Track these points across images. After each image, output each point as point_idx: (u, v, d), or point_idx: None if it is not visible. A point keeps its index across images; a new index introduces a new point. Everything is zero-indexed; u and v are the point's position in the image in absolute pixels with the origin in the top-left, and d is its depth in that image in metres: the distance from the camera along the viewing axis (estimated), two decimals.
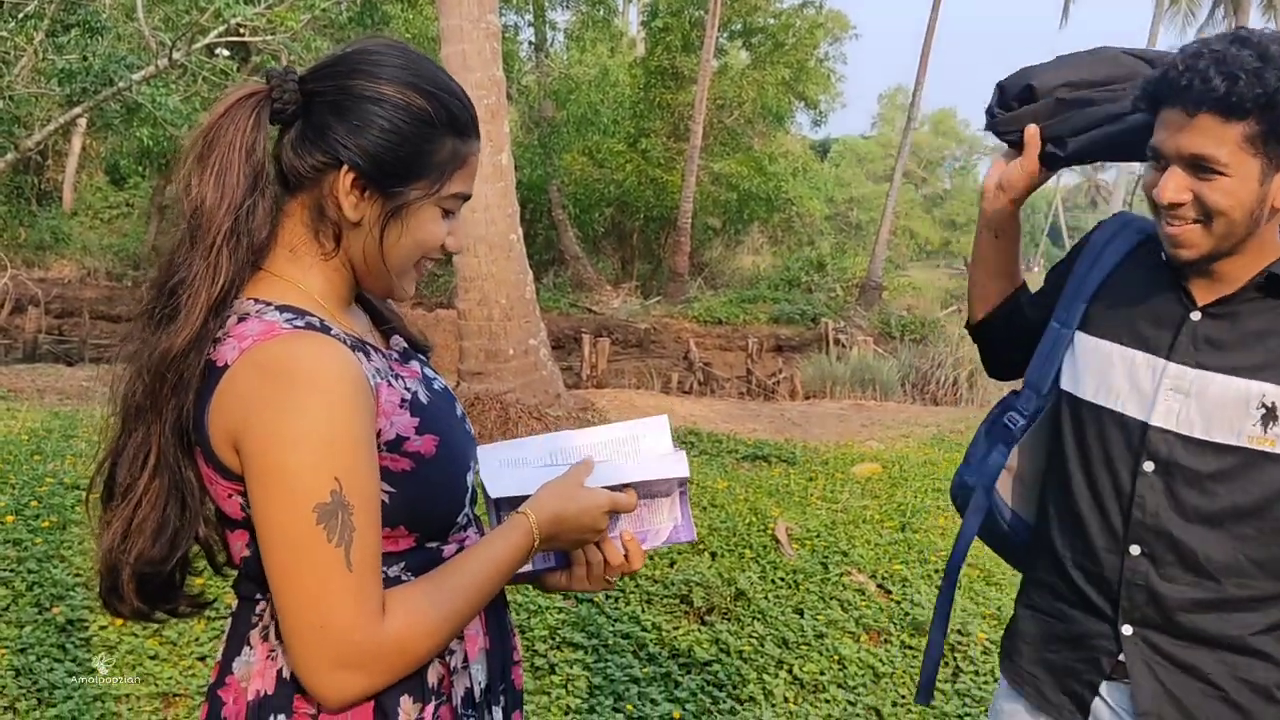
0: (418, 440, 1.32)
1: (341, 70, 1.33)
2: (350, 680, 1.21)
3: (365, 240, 1.35)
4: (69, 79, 12.55)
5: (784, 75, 28.07)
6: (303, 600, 1.19)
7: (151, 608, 1.35)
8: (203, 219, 1.27)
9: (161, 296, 1.27)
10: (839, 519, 5.76)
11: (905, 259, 49.06)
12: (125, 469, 1.29)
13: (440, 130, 1.35)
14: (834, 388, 15.43)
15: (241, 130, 1.30)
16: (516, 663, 1.52)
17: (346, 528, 1.19)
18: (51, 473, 5.32)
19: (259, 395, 1.20)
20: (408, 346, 1.49)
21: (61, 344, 19.88)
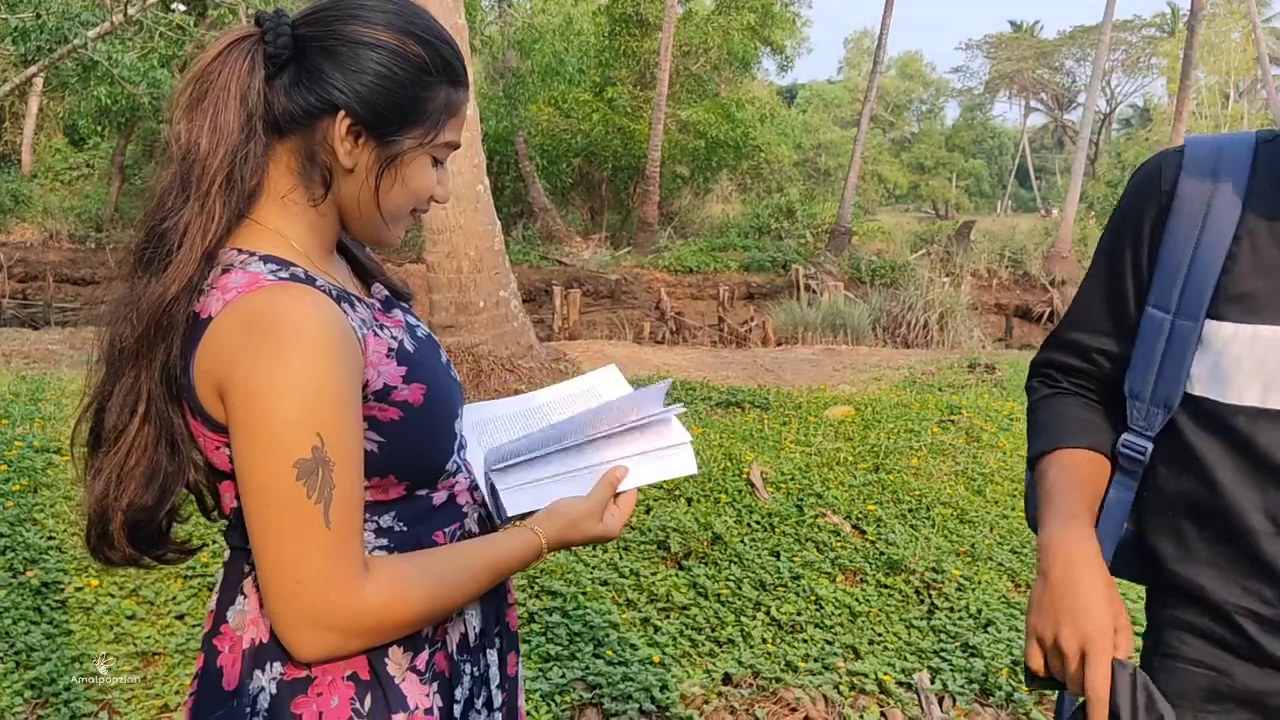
0: (405, 389, 1.31)
1: (335, 15, 1.30)
2: (322, 638, 1.21)
3: (360, 188, 1.34)
4: (23, 37, 12.34)
5: (750, 20, 27.88)
6: (280, 556, 1.18)
7: (141, 554, 1.34)
8: (197, 164, 1.25)
9: (151, 242, 1.25)
10: (813, 462, 5.79)
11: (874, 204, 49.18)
12: (114, 414, 1.28)
13: (436, 78, 1.33)
14: (806, 333, 15.50)
15: (236, 74, 1.27)
16: (511, 605, 1.53)
17: (326, 485, 1.18)
18: (20, 436, 5.27)
19: (243, 348, 1.18)
20: (389, 295, 1.48)
21: (26, 308, 19.68)
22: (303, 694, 1.27)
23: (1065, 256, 25.20)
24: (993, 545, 4.86)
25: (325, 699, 1.28)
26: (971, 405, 7.59)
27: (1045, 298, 23.84)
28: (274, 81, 1.30)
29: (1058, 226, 26.55)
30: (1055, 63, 64.07)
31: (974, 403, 7.82)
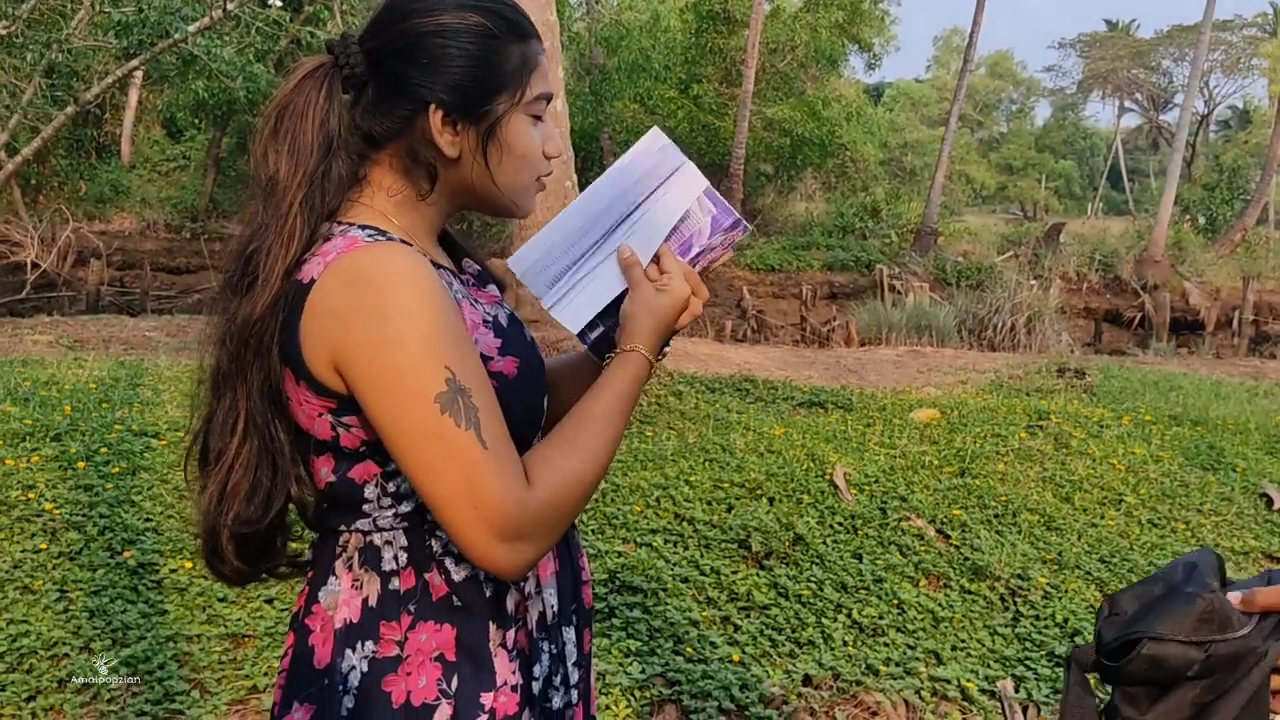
0: (500, 361, 1.34)
1: (395, 18, 1.34)
2: (519, 550, 1.23)
3: (472, 171, 1.38)
4: (125, 31, 12.67)
5: (838, 18, 27.61)
6: (451, 489, 1.21)
7: (252, 567, 1.39)
8: (277, 189, 1.29)
9: (240, 266, 1.30)
10: (897, 464, 5.74)
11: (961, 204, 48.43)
12: (216, 435, 1.33)
13: (504, 40, 1.36)
14: (889, 334, 15.32)
15: (313, 102, 1.32)
16: (586, 582, 1.54)
17: (470, 409, 1.21)
18: (120, 420, 5.42)
19: (350, 305, 1.22)
20: (481, 272, 1.51)
21: (123, 295, 20.22)
22: (392, 673, 1.30)
23: (1158, 261, 24.56)
24: (1080, 554, 4.77)
25: (414, 678, 1.30)
26: (1060, 411, 7.45)
27: (1136, 303, 23.28)
28: (359, 100, 1.35)
29: (1151, 230, 25.87)
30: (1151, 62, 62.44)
31: (1063, 408, 7.67)
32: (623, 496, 4.98)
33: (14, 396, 5.99)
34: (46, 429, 5.09)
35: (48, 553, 4.01)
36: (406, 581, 1.32)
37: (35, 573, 3.88)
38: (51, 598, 3.75)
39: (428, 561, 1.32)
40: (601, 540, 4.52)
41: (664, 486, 5.10)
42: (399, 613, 1.31)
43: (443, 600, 1.32)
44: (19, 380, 6.71)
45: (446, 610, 1.32)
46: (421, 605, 1.31)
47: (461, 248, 1.52)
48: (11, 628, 3.54)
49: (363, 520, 1.33)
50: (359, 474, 1.31)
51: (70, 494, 4.45)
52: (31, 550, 4.01)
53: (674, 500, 4.94)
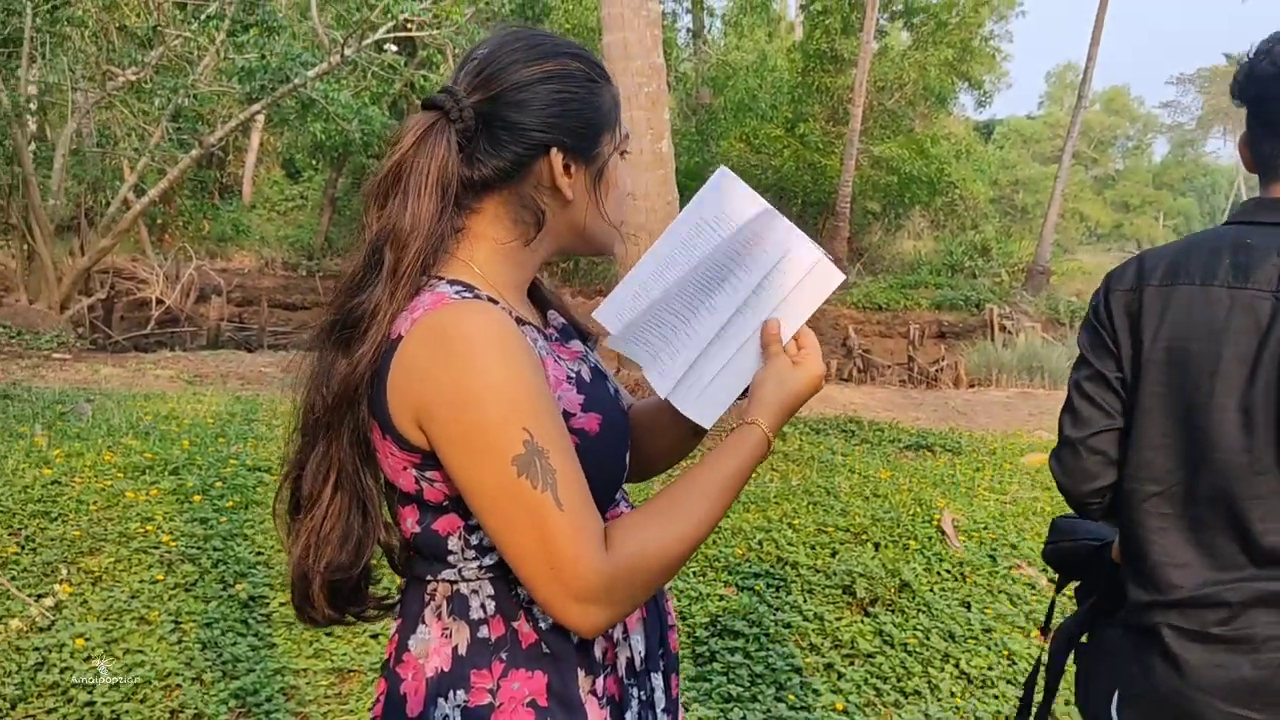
0: (582, 418, 1.34)
1: (497, 69, 1.36)
2: (592, 612, 1.23)
3: (584, 211, 1.41)
4: (248, 77, 13.11)
5: (947, 55, 27.39)
6: (528, 549, 1.21)
7: (342, 613, 1.40)
8: (391, 250, 1.31)
9: (343, 318, 1.31)
10: (1008, 510, 5.60)
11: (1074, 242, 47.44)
12: (309, 482, 1.34)
13: (599, 82, 1.41)
14: (1000, 375, 15.02)
15: (434, 158, 1.33)
16: (672, 627, 1.53)
17: (547, 471, 1.21)
18: (235, 455, 5.56)
19: (433, 363, 1.23)
20: (566, 325, 1.52)
21: (242, 331, 20.85)
22: None
23: None
24: None
25: None
26: None
27: None
28: (469, 152, 1.36)
29: None
30: None
31: None
32: (724, 539, 4.94)
33: (136, 430, 6.19)
34: (165, 462, 5.24)
35: (164, 584, 4.12)
36: (495, 630, 1.32)
37: (152, 603, 3.99)
38: (166, 628, 3.84)
39: (515, 610, 1.32)
40: (703, 583, 4.48)
41: (767, 529, 5.04)
42: (490, 661, 1.31)
43: (532, 648, 1.32)
44: (141, 414, 6.95)
45: (536, 658, 1.32)
46: (512, 653, 1.31)
47: (549, 301, 1.53)
48: (128, 657, 3.64)
49: (448, 570, 1.34)
50: (443, 526, 1.32)
51: (186, 527, 4.57)
52: (149, 581, 4.12)
53: (777, 544, 4.89)
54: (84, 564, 4.21)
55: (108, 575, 4.16)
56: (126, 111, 15.91)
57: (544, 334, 1.43)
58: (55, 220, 15.23)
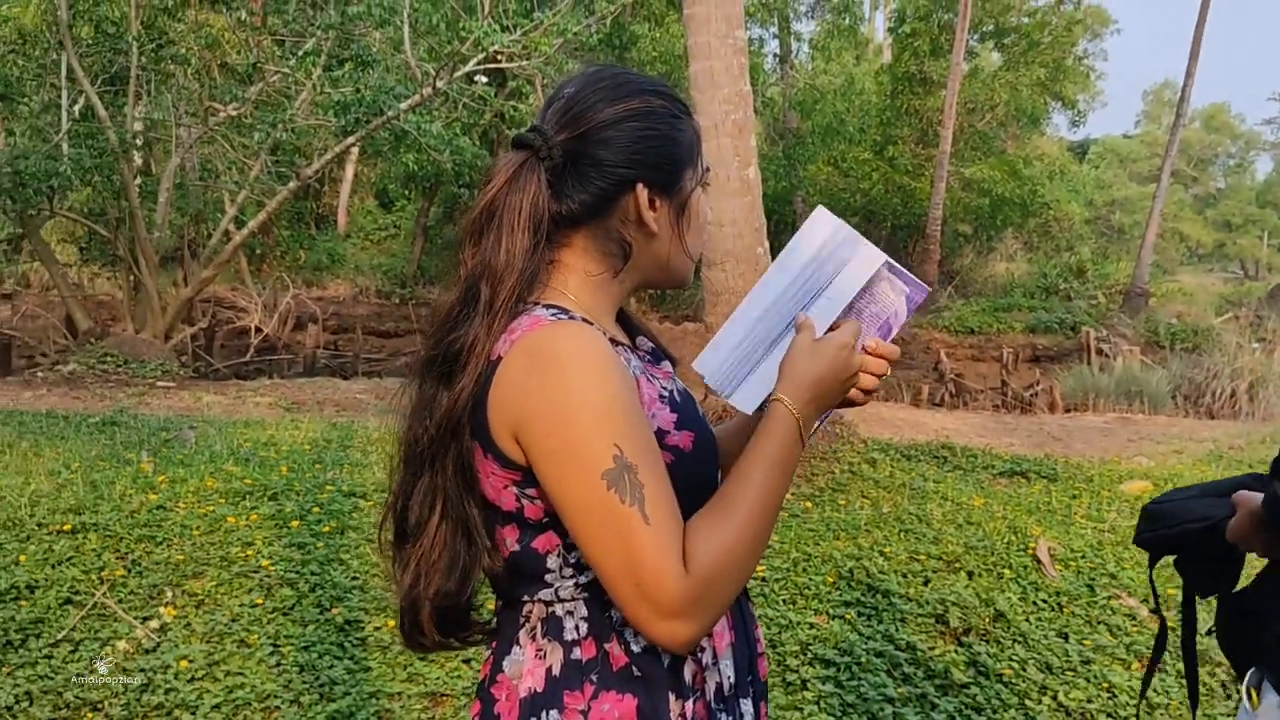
0: (676, 435, 1.37)
1: (583, 109, 1.41)
2: (680, 627, 1.24)
3: (667, 244, 1.46)
4: (344, 110, 13.41)
5: (1039, 75, 26.95)
6: (615, 564, 1.24)
7: (449, 639, 1.44)
8: (486, 286, 1.35)
9: (442, 353, 1.36)
10: (1106, 539, 5.47)
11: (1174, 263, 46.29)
12: (415, 512, 1.39)
13: (681, 118, 1.46)
14: (1097, 400, 14.67)
15: (527, 196, 1.37)
16: (761, 654, 1.54)
17: (635, 486, 1.23)
18: (331, 480, 5.68)
19: (531, 381, 1.27)
20: (655, 349, 1.55)
21: (336, 358, 21.28)
22: None
23: None
24: None
25: None
26: None
27: None
28: (557, 188, 1.40)
29: None
30: None
31: None
32: (814, 566, 4.90)
33: (236, 456, 6.36)
34: (265, 488, 5.37)
35: (263, 608, 4.22)
36: (588, 651, 1.34)
37: (251, 627, 4.08)
38: (265, 651, 3.93)
39: (607, 631, 1.34)
40: (793, 611, 4.45)
41: (857, 557, 5.00)
42: (582, 682, 1.33)
43: (623, 670, 1.34)
44: (241, 441, 7.13)
45: (627, 680, 1.33)
46: (603, 675, 1.33)
47: (636, 326, 1.57)
48: (229, 679, 3.73)
49: (545, 590, 1.36)
50: (541, 544, 1.35)
51: (285, 551, 4.67)
52: (248, 605, 4.23)
53: (868, 571, 4.84)
54: (188, 587, 4.33)
55: (210, 598, 4.27)
56: (227, 145, 16.37)
57: (637, 354, 1.47)
58: (160, 252, 15.72)
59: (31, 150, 13.44)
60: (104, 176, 14.51)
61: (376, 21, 13.47)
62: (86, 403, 10.28)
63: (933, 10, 26.44)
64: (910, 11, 27.13)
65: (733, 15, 7.03)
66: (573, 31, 14.05)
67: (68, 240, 21.90)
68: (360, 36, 14.19)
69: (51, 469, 5.79)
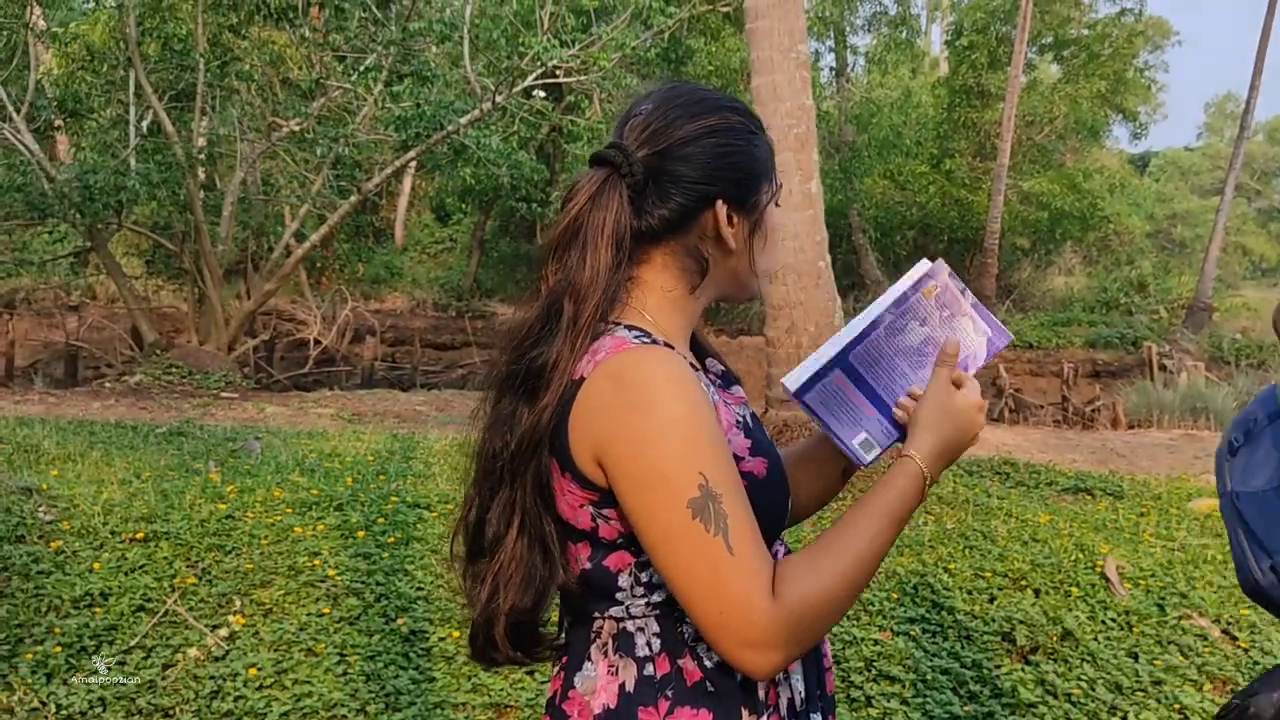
0: (751, 461, 1.37)
1: (663, 125, 1.41)
2: (763, 657, 1.25)
3: (741, 260, 1.46)
4: (404, 125, 13.58)
5: (1099, 88, 26.64)
6: (699, 592, 1.24)
7: (521, 654, 1.44)
8: (570, 303, 1.35)
9: (524, 369, 1.35)
10: (1175, 558, 5.38)
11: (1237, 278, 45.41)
12: (493, 527, 1.38)
13: (756, 134, 1.47)
14: (1161, 416, 14.44)
15: (611, 213, 1.38)
16: (829, 669, 1.53)
17: (720, 516, 1.24)
18: (395, 491, 5.73)
19: (616, 404, 1.27)
20: (725, 372, 1.55)
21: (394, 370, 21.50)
22: None
23: None
24: None
25: None
26: None
27: None
28: (638, 204, 1.40)
29: None
30: None
31: None
32: (879, 582, 4.87)
33: (302, 467, 6.44)
34: (330, 499, 5.43)
35: (329, 617, 4.26)
36: (662, 667, 1.34)
37: (318, 636, 4.13)
38: (332, 660, 3.97)
39: (680, 647, 1.34)
40: (857, 626, 4.42)
41: (921, 574, 4.96)
42: (656, 698, 1.33)
43: (697, 685, 1.33)
44: (306, 452, 7.21)
45: (702, 695, 1.33)
46: (678, 691, 1.33)
47: (706, 349, 1.56)
48: (296, 688, 3.78)
49: (616, 608, 1.36)
50: (614, 562, 1.35)
51: (350, 561, 4.72)
52: (315, 614, 4.27)
53: (932, 588, 4.80)
54: (256, 596, 4.39)
55: (278, 607, 4.32)
56: (289, 160, 16.64)
57: (709, 377, 1.47)
58: (223, 265, 15.99)
59: (100, 165, 13.75)
60: (170, 191, 14.80)
61: (437, 37, 13.63)
62: (153, 413, 10.47)
63: (990, 23, 26.22)
64: (968, 24, 26.92)
65: (796, 29, 7.04)
66: (630, 46, 14.12)
67: (133, 253, 22.34)
68: (420, 52, 14.35)
69: (123, 478, 5.90)
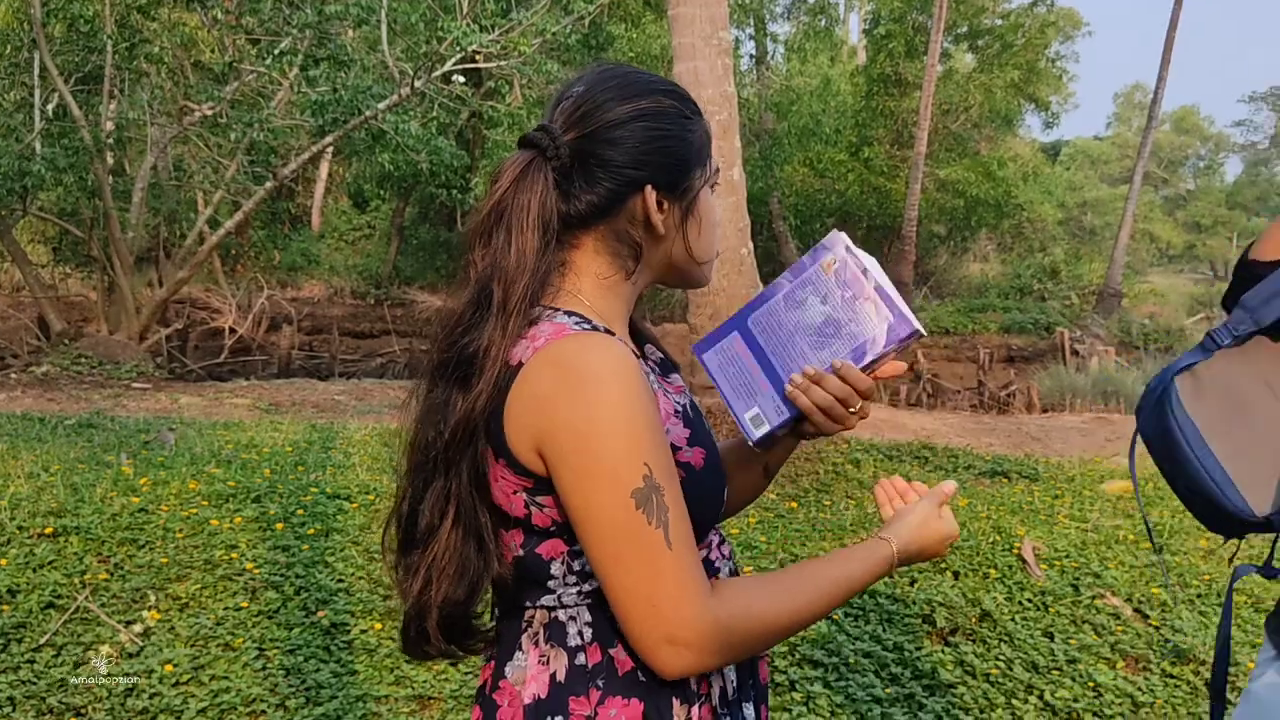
0: (689, 451, 1.35)
1: (592, 107, 1.38)
2: (680, 655, 1.25)
3: (673, 246, 1.43)
4: (320, 110, 13.35)
5: (1013, 77, 27.15)
6: (632, 582, 1.23)
7: (454, 647, 1.41)
8: (499, 287, 1.32)
9: (455, 357, 1.32)
10: (1089, 539, 5.50)
11: (1145, 264, 46.74)
12: (427, 517, 1.36)
13: (691, 119, 1.43)
14: (1073, 400, 14.77)
15: (534, 195, 1.35)
16: (762, 658, 1.53)
17: (661, 509, 1.23)
18: (314, 482, 5.64)
19: (558, 392, 1.24)
20: (664, 359, 1.53)
21: (312, 359, 21.19)
22: None
23: None
24: None
25: None
26: None
27: None
28: (565, 188, 1.38)
29: None
30: None
31: None
32: None
33: (217, 459, 6.30)
34: (247, 491, 5.33)
35: (247, 611, 4.18)
36: (593, 657, 1.33)
37: (236, 630, 4.05)
38: (251, 655, 3.90)
39: (612, 637, 1.32)
40: None
41: None
42: (587, 688, 1.32)
43: (628, 675, 1.32)
44: (222, 443, 7.07)
45: (633, 685, 1.32)
46: (609, 680, 1.32)
47: (645, 335, 1.55)
48: (214, 684, 3.70)
49: (548, 596, 1.34)
50: (546, 550, 1.33)
51: (269, 554, 4.63)
52: (233, 608, 4.19)
53: None
54: (171, 590, 4.29)
55: (194, 602, 4.23)
56: (202, 145, 16.29)
57: (648, 364, 1.46)
58: (134, 252, 15.61)
59: (4, 150, 13.32)
60: (77, 176, 14.40)
61: (354, 21, 13.42)
62: (62, 404, 10.19)
63: (907, 12, 26.55)
64: (885, 13, 27.24)
65: (717, 16, 7.03)
66: (551, 32, 14.03)
67: (40, 240, 21.70)
68: (337, 35, 14.12)
69: (30, 472, 5.72)
